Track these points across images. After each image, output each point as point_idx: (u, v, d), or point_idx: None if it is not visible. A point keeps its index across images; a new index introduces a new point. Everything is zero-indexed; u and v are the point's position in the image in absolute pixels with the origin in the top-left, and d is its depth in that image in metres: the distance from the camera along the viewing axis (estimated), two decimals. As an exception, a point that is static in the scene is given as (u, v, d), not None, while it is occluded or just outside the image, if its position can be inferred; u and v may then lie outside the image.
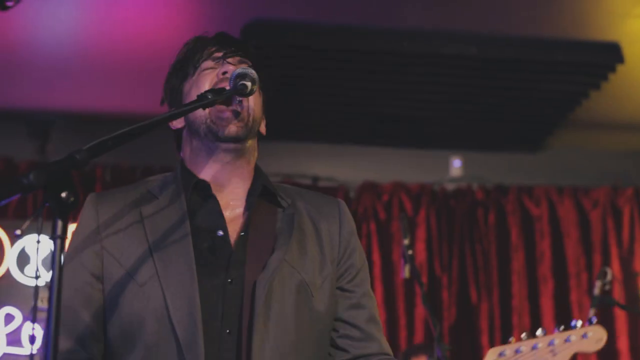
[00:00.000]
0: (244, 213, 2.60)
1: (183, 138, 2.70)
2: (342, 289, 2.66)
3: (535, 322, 7.93)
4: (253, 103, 2.60)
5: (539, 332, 2.33)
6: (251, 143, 2.66)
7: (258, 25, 5.95)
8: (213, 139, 2.57)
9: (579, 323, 2.32)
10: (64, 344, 2.45)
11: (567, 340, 2.30)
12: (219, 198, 2.58)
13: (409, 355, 5.72)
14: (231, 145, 2.59)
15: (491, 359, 2.31)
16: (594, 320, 2.33)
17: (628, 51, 6.43)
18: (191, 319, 2.40)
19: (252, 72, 2.50)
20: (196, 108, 2.43)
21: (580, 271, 8.16)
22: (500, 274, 8.09)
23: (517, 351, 2.31)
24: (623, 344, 8.03)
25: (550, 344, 2.30)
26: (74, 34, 6.23)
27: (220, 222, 2.54)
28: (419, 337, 7.65)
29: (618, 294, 7.74)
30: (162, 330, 2.42)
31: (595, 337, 2.30)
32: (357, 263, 2.71)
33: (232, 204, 2.61)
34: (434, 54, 6.40)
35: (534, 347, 2.30)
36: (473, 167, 8.29)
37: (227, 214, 2.58)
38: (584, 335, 2.30)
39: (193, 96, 2.54)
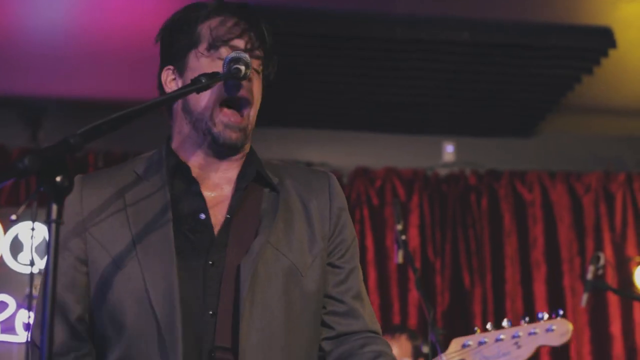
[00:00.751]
0: (231, 196, 2.57)
1: (174, 113, 2.65)
2: (332, 265, 2.65)
3: (528, 307, 7.96)
4: (256, 92, 2.59)
5: (504, 323, 2.32)
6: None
7: (250, 12, 5.95)
8: (210, 140, 2.55)
9: (545, 316, 2.31)
10: (59, 334, 2.47)
11: (531, 332, 2.29)
12: (205, 182, 2.57)
13: (392, 333, 5.73)
14: (226, 151, 2.58)
15: (454, 350, 2.31)
16: (560, 312, 2.32)
17: (620, 36, 6.43)
18: (169, 299, 2.40)
19: (246, 57, 2.49)
20: (190, 92, 2.42)
21: (573, 256, 8.18)
22: (493, 259, 8.10)
23: (480, 342, 2.30)
24: (616, 328, 8.05)
25: (515, 336, 2.29)
26: (67, 20, 6.21)
27: (202, 205, 2.53)
28: (412, 321, 7.67)
29: (611, 279, 7.77)
30: (142, 311, 2.42)
31: (560, 330, 2.29)
32: (348, 238, 2.69)
33: (219, 186, 2.59)
34: (427, 40, 6.40)
35: (497, 339, 2.30)
36: (466, 152, 8.29)
37: (212, 197, 2.56)
38: (549, 329, 2.29)
39: (200, 72, 2.48)
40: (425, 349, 5.63)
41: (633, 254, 8.20)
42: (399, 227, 5.05)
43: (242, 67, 2.46)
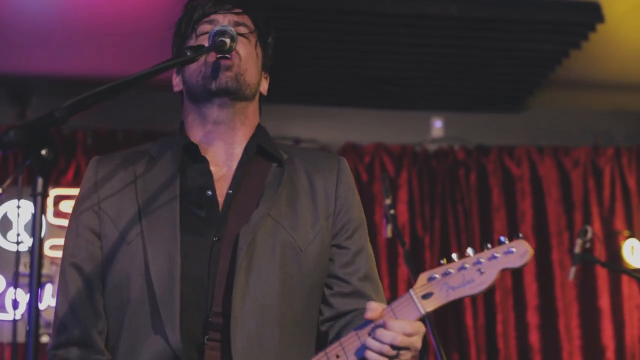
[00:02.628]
0: (235, 171, 2.61)
1: (183, 98, 2.72)
2: (338, 246, 2.65)
3: (518, 281, 7.99)
4: (244, 54, 2.62)
5: (469, 251, 2.34)
6: (246, 105, 2.67)
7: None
8: (207, 95, 2.59)
9: (506, 240, 2.33)
10: (77, 311, 2.54)
11: (492, 257, 2.31)
12: (211, 158, 2.61)
13: None
14: (224, 99, 2.60)
15: (421, 284, 2.33)
16: (520, 235, 2.34)
17: (608, 10, 6.43)
18: (170, 275, 2.43)
19: (231, 29, 2.52)
20: (173, 65, 2.45)
21: (561, 230, 8.20)
22: (482, 234, 8.12)
23: (445, 274, 2.32)
24: (605, 302, 8.09)
25: (477, 262, 2.30)
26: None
27: (210, 181, 2.57)
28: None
29: (599, 252, 7.79)
30: (144, 286, 2.45)
31: (519, 251, 2.30)
32: (355, 219, 2.70)
33: (226, 164, 2.63)
34: (415, 14, 6.39)
35: (461, 268, 2.31)
36: (454, 127, 8.30)
37: (218, 173, 2.60)
38: (509, 251, 2.30)
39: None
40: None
41: (621, 228, 8.23)
42: (388, 201, 5.06)
43: (227, 40, 2.50)
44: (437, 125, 8.30)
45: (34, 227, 1.91)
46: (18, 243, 2.12)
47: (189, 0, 2.74)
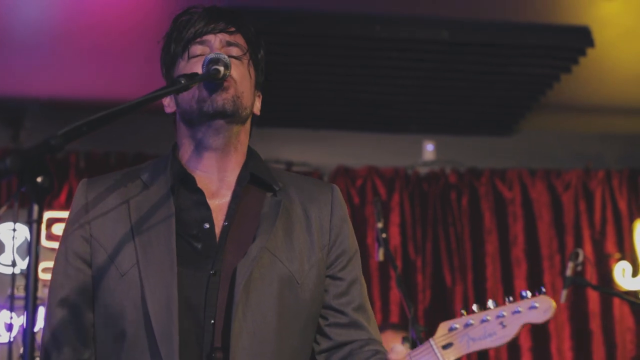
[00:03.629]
0: (229, 202, 2.58)
1: (177, 123, 2.67)
2: (332, 277, 2.64)
3: (509, 304, 7.99)
4: (238, 78, 2.57)
5: (490, 303, 2.35)
6: (240, 128, 2.63)
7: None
8: (203, 118, 2.54)
9: (529, 294, 2.35)
10: (70, 339, 2.51)
11: (515, 311, 2.32)
12: (207, 188, 2.57)
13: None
14: (220, 123, 2.55)
15: (441, 334, 2.34)
16: (543, 290, 2.36)
17: (598, 35, 6.47)
18: (167, 310, 2.39)
19: (225, 57, 2.50)
20: (169, 93, 2.46)
21: (553, 253, 8.23)
22: (474, 257, 8.14)
23: (466, 325, 2.33)
24: (596, 324, 8.10)
25: (499, 316, 2.32)
26: (48, 20, 6.20)
27: (207, 214, 2.53)
28: (394, 319, 7.68)
29: (590, 275, 7.81)
30: (139, 320, 2.42)
31: (543, 307, 2.32)
32: (349, 250, 2.69)
33: (221, 193, 2.59)
34: (407, 39, 6.42)
35: (483, 320, 2.32)
36: (446, 150, 8.32)
37: (213, 204, 2.56)
38: (532, 306, 2.32)
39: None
40: (406, 347, 5.65)
41: (612, 250, 8.26)
42: (380, 225, 5.08)
43: (221, 69, 2.48)
44: (429, 148, 8.33)
45: (30, 253, 1.92)
46: (13, 265, 2.12)
47: (177, 15, 2.69)
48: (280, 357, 2.47)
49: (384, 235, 5.05)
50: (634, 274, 8.11)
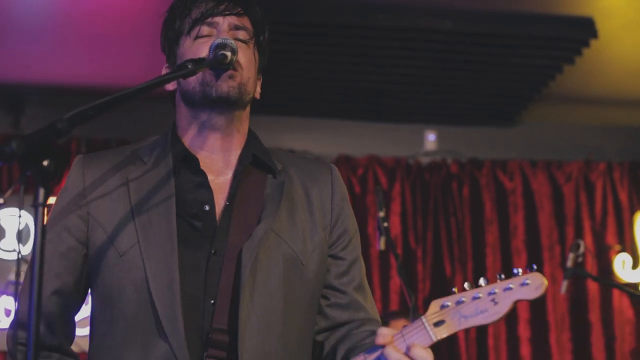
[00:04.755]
0: (231, 182, 2.57)
1: (176, 101, 2.65)
2: (334, 257, 2.65)
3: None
4: (245, 62, 2.56)
5: (481, 281, 2.35)
6: (242, 111, 2.62)
7: None
8: (206, 102, 2.52)
9: (520, 271, 2.34)
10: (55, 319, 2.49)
11: (507, 288, 2.31)
12: (207, 167, 2.56)
13: (388, 319, 5.75)
14: (224, 107, 2.54)
15: (433, 311, 2.33)
16: (535, 267, 2.35)
17: (602, 26, 6.46)
18: (169, 290, 2.38)
19: (232, 42, 2.48)
20: (175, 78, 2.44)
21: (553, 244, 8.23)
22: (474, 247, 8.15)
23: (458, 302, 2.32)
24: (595, 316, 8.11)
25: (491, 293, 2.31)
26: (48, 5, 6.19)
27: (208, 196, 2.52)
28: (394, 308, 7.69)
29: (590, 267, 7.82)
30: (141, 301, 2.40)
31: (534, 284, 2.30)
32: (350, 230, 2.70)
33: (221, 173, 2.58)
34: (409, 27, 6.41)
35: (475, 297, 2.31)
36: (447, 141, 8.32)
37: (214, 184, 2.54)
38: (524, 283, 2.31)
39: (185, 55, 2.53)
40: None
41: (612, 242, 8.26)
42: (381, 214, 5.08)
43: (228, 54, 2.46)
44: (431, 138, 8.33)
45: (36, 237, 1.91)
46: (19, 252, 2.11)
47: None
48: (288, 338, 2.48)
49: (385, 225, 5.05)
50: (634, 266, 8.12)
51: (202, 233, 2.48)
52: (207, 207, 2.51)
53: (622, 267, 8.10)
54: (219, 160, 2.59)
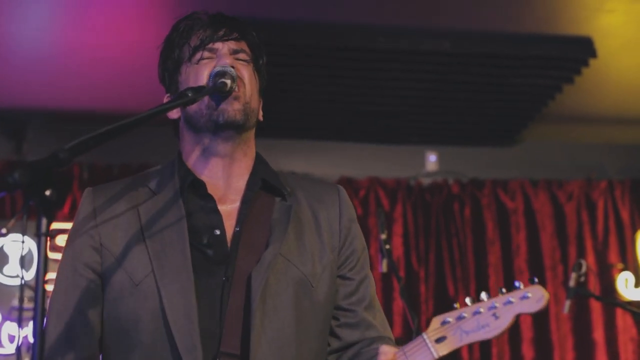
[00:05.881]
0: (240, 208, 2.57)
1: (180, 129, 2.66)
2: (342, 277, 2.65)
3: (512, 315, 7.98)
4: (247, 80, 2.58)
5: (483, 295, 2.35)
6: (249, 134, 2.63)
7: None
8: (212, 127, 2.53)
9: (521, 284, 2.34)
10: (68, 349, 2.49)
11: (507, 302, 2.31)
12: (215, 193, 2.56)
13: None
14: (230, 133, 2.55)
15: (434, 328, 2.33)
16: (536, 280, 2.35)
17: (601, 45, 6.48)
18: (187, 319, 2.38)
19: (232, 70, 2.51)
20: (176, 106, 2.46)
21: (555, 263, 8.22)
22: (476, 267, 8.14)
23: (459, 318, 2.32)
24: (599, 335, 8.10)
25: (492, 307, 2.31)
26: (50, 32, 6.20)
27: (218, 220, 2.52)
28: (397, 330, 7.68)
29: (593, 286, 7.81)
30: (158, 330, 2.40)
31: (535, 297, 2.30)
32: (358, 249, 2.70)
33: (230, 199, 2.58)
34: (409, 50, 6.42)
35: (476, 312, 2.31)
36: (448, 161, 8.33)
37: (223, 209, 2.55)
38: (524, 296, 2.30)
39: (185, 82, 2.55)
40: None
41: (615, 261, 8.26)
42: (383, 236, 5.08)
43: (228, 82, 2.48)
44: (432, 159, 8.34)
45: (39, 266, 1.92)
46: (22, 278, 2.13)
47: (179, 20, 2.69)
48: None
49: (387, 247, 5.05)
50: (637, 285, 8.12)
51: (213, 260, 2.48)
52: (217, 232, 2.51)
53: (625, 285, 8.09)
54: (222, 186, 2.59)
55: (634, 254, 8.25)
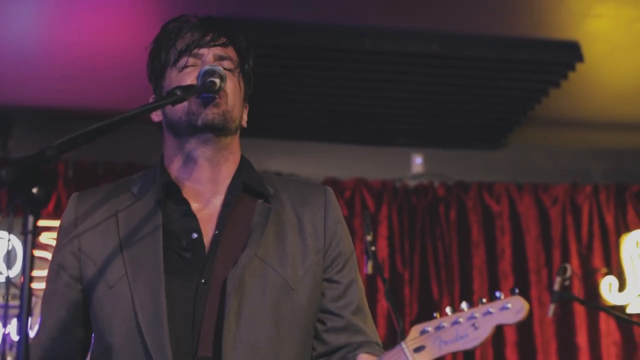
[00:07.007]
0: (220, 211, 2.57)
1: (163, 131, 2.67)
2: (329, 280, 2.63)
3: (496, 318, 7.99)
4: (230, 91, 2.58)
5: (463, 305, 2.34)
6: (230, 140, 2.63)
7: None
8: (191, 130, 2.54)
9: (502, 295, 2.33)
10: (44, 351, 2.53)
11: (487, 312, 2.30)
12: (194, 197, 2.57)
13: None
14: (209, 135, 2.55)
15: (413, 337, 2.33)
16: (517, 291, 2.35)
17: (587, 50, 6.49)
18: (157, 320, 2.39)
19: (220, 70, 2.51)
20: (164, 105, 2.45)
21: (540, 267, 8.24)
22: (461, 270, 8.15)
23: (438, 327, 2.31)
24: (582, 339, 8.11)
25: (471, 317, 2.30)
26: (37, 29, 6.18)
27: (194, 224, 2.53)
28: (381, 332, 7.68)
29: (577, 290, 7.84)
30: (129, 332, 2.42)
31: (515, 308, 2.30)
32: (345, 252, 2.68)
33: (211, 203, 2.59)
34: (396, 51, 6.43)
35: (455, 322, 2.31)
36: (434, 164, 8.34)
37: (204, 213, 2.56)
38: (504, 307, 2.30)
39: (172, 85, 2.54)
40: None
41: (599, 265, 8.27)
42: (369, 238, 5.08)
43: (217, 81, 2.48)
44: (417, 161, 8.35)
45: (24, 264, 1.92)
46: (7, 277, 2.12)
47: (167, 22, 2.70)
48: None
49: (372, 248, 5.05)
50: (621, 289, 8.14)
51: (191, 263, 2.49)
52: (195, 235, 2.51)
53: (609, 290, 8.12)
54: (206, 190, 2.60)
55: (618, 259, 8.27)
